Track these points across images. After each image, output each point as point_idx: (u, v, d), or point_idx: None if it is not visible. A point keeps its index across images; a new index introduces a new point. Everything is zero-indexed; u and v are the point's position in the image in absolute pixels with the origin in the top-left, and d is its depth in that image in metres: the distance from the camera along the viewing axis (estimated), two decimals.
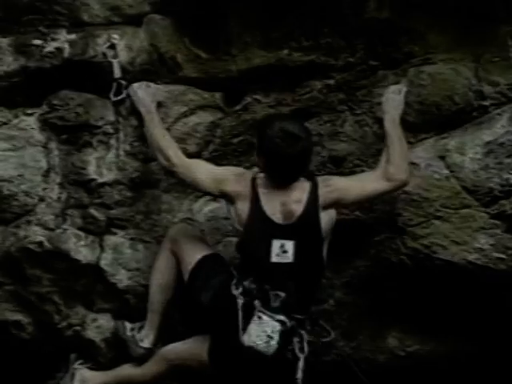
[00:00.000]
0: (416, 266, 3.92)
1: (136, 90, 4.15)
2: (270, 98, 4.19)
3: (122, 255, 4.29)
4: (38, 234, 4.32)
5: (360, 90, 4.10)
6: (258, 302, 3.71)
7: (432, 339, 4.09)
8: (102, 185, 4.29)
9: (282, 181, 3.80)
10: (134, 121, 4.24)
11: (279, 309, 3.72)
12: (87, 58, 4.28)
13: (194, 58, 4.24)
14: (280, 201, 3.78)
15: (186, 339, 4.05)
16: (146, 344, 4.08)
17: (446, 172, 3.89)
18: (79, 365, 4.31)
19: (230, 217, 3.93)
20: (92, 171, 4.29)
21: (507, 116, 3.85)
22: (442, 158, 3.91)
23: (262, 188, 3.81)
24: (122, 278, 4.28)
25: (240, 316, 3.69)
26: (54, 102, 4.33)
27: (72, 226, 4.33)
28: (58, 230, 4.33)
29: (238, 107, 4.24)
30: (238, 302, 3.71)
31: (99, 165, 4.29)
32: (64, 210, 4.35)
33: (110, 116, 4.28)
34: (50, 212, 4.34)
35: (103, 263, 4.30)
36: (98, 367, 4.29)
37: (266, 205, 3.78)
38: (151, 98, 4.13)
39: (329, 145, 4.13)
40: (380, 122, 3.98)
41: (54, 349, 4.41)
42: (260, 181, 3.83)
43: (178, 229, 4.11)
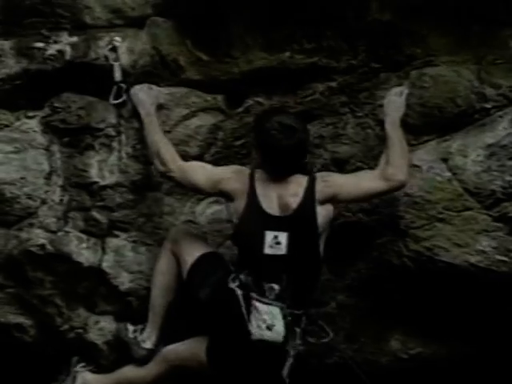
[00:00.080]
0: (418, 268, 3.91)
1: (137, 93, 4.15)
2: (272, 101, 4.19)
3: (124, 258, 4.29)
4: (40, 237, 4.32)
5: (362, 93, 4.10)
6: (254, 294, 3.72)
7: (434, 341, 4.09)
8: (104, 187, 4.29)
9: (278, 173, 3.81)
10: (135, 123, 4.23)
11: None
12: (89, 61, 4.28)
13: (196, 60, 4.23)
14: (276, 193, 3.79)
15: (186, 340, 4.05)
16: (147, 345, 4.08)
17: (448, 174, 3.89)
18: (81, 368, 4.31)
19: (230, 216, 3.94)
20: (94, 174, 4.29)
21: (509, 118, 3.84)
22: (445, 160, 3.90)
23: (259, 181, 3.83)
24: (124, 281, 4.28)
25: (243, 307, 3.69)
26: (56, 104, 4.34)
27: (74, 228, 4.33)
28: (60, 233, 4.33)
29: (240, 109, 4.24)
30: (238, 294, 3.71)
31: (101, 167, 4.29)
32: (66, 212, 4.35)
33: (112, 119, 4.28)
34: (52, 214, 4.34)
35: (105, 266, 4.30)
36: (99, 370, 4.29)
37: (261, 197, 3.79)
38: (151, 101, 4.12)
39: (331, 147, 4.14)
40: (382, 124, 3.98)
41: (56, 351, 4.40)
42: (257, 175, 3.85)
43: (179, 230, 4.12)
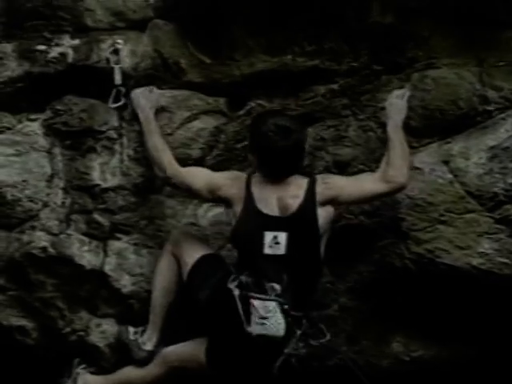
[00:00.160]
0: (420, 270, 3.91)
1: (137, 96, 4.14)
2: (274, 103, 4.18)
3: (125, 260, 4.29)
4: (42, 240, 4.32)
5: (364, 95, 4.10)
6: (252, 292, 3.71)
7: (436, 344, 4.08)
8: (105, 190, 4.29)
9: (275, 176, 3.81)
10: (137, 126, 4.22)
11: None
12: (91, 64, 4.28)
13: (197, 63, 4.23)
14: (276, 195, 3.78)
15: (186, 341, 4.05)
16: (148, 347, 4.07)
17: (450, 177, 3.89)
18: (81, 369, 4.31)
19: (230, 222, 3.94)
20: (96, 176, 4.29)
21: (511, 121, 3.84)
22: (446, 162, 3.90)
23: (256, 185, 3.82)
24: (125, 283, 4.28)
25: (239, 307, 3.68)
26: (58, 107, 4.34)
27: (76, 231, 4.34)
28: (62, 236, 4.33)
29: (241, 112, 4.24)
30: (234, 294, 3.70)
31: (103, 170, 4.29)
32: (68, 215, 4.35)
33: (114, 121, 4.28)
34: (54, 217, 4.34)
35: (107, 268, 4.30)
36: (101, 372, 4.28)
37: (259, 199, 3.78)
38: (151, 105, 4.11)
39: (333, 150, 4.13)
40: (384, 126, 3.97)
41: (58, 354, 4.40)
42: (254, 179, 3.85)
43: (180, 232, 4.12)
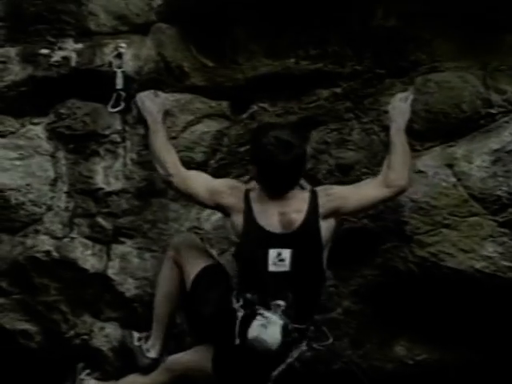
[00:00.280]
0: (424, 274, 3.90)
1: (143, 99, 4.13)
2: (277, 107, 4.19)
3: (129, 264, 4.30)
4: (45, 243, 4.33)
5: (367, 99, 4.10)
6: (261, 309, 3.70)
7: (440, 348, 4.07)
8: (109, 194, 4.30)
9: (275, 190, 3.77)
10: (140, 129, 4.24)
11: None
12: (94, 67, 4.30)
13: (200, 66, 4.24)
14: (278, 211, 3.75)
15: (190, 349, 4.04)
16: (152, 354, 4.04)
17: (453, 180, 3.88)
18: (86, 375, 4.31)
19: (229, 231, 3.94)
20: (99, 180, 4.30)
21: None
22: (450, 166, 3.89)
23: (256, 200, 3.77)
24: (129, 287, 4.28)
25: (237, 327, 3.67)
26: (61, 111, 4.35)
27: (79, 234, 4.34)
28: (66, 239, 4.34)
29: (244, 116, 4.24)
30: (238, 315, 3.69)
31: (106, 174, 4.30)
32: (71, 218, 4.36)
33: (117, 125, 4.29)
34: (58, 221, 4.35)
35: (110, 272, 4.31)
36: (105, 376, 4.29)
37: (260, 216, 3.74)
38: (158, 108, 4.09)
39: (336, 153, 4.13)
40: (387, 130, 3.97)
41: (61, 358, 4.41)
42: (253, 194, 3.80)
43: (181, 238, 4.09)
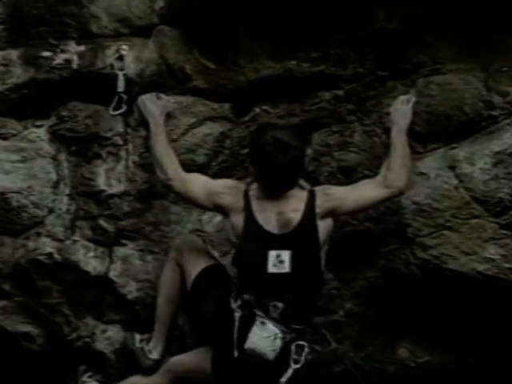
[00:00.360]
0: (426, 276, 3.90)
1: (145, 102, 4.14)
2: (279, 109, 4.19)
3: (131, 266, 4.30)
4: (47, 246, 4.34)
5: (369, 101, 4.10)
6: (258, 311, 3.70)
7: (442, 350, 4.07)
8: (111, 196, 4.30)
9: (274, 190, 3.78)
10: (142, 132, 4.25)
11: (278, 320, 3.69)
12: (96, 70, 4.31)
13: (202, 69, 4.24)
14: (275, 211, 3.76)
15: (192, 351, 4.03)
16: (154, 355, 4.04)
17: (455, 182, 3.88)
18: (88, 378, 4.31)
19: (228, 232, 3.93)
20: (101, 182, 4.30)
21: None
22: (452, 168, 3.89)
23: (255, 199, 3.79)
24: (131, 290, 4.28)
25: (236, 328, 3.67)
26: (63, 113, 4.36)
27: (81, 237, 4.35)
28: (68, 242, 4.34)
29: (246, 118, 4.25)
30: (235, 315, 3.69)
31: (108, 176, 4.30)
32: (73, 221, 4.36)
33: (119, 127, 4.30)
34: (60, 223, 4.36)
35: (112, 274, 4.31)
36: (107, 379, 4.30)
37: (259, 216, 3.76)
38: (160, 111, 4.10)
39: (338, 155, 4.13)
40: (389, 132, 3.96)
41: (63, 360, 4.41)
42: (253, 192, 3.81)
43: (183, 240, 4.10)
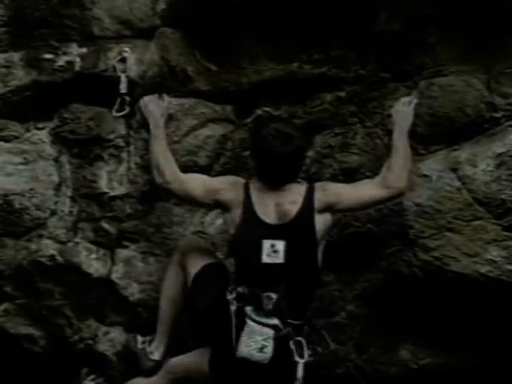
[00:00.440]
0: (428, 278, 3.90)
1: (147, 103, 4.15)
2: (281, 111, 4.19)
3: (133, 268, 4.30)
4: (49, 248, 4.34)
5: (371, 103, 4.10)
6: (249, 308, 3.69)
7: (444, 352, 4.07)
8: (113, 198, 4.30)
9: (274, 182, 3.79)
10: (144, 134, 4.24)
11: (272, 312, 3.68)
12: (98, 72, 4.31)
13: (204, 70, 4.24)
14: (274, 202, 3.77)
15: (191, 352, 4.02)
16: (155, 356, 4.05)
17: (457, 184, 3.88)
18: (90, 380, 4.31)
19: (227, 228, 3.93)
20: (103, 185, 4.30)
21: None
22: (454, 169, 3.89)
23: (255, 191, 3.81)
24: (133, 291, 4.28)
25: (233, 323, 3.67)
26: (66, 115, 4.36)
27: (83, 239, 4.35)
28: (70, 244, 4.35)
29: (248, 120, 4.24)
30: (231, 307, 3.69)
31: (110, 178, 4.30)
32: (75, 223, 4.36)
33: (121, 129, 4.30)
34: (62, 225, 4.36)
35: (115, 276, 4.31)
36: (109, 381, 4.29)
37: (257, 206, 3.77)
38: (161, 112, 4.11)
39: (340, 157, 4.13)
40: (391, 133, 3.97)
41: (65, 362, 4.41)
42: (253, 185, 3.83)
43: (187, 242, 4.10)
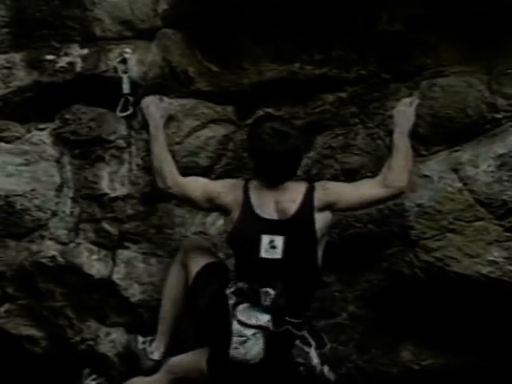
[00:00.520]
0: (429, 279, 3.90)
1: (147, 104, 4.16)
2: (282, 112, 4.18)
3: (134, 269, 4.30)
4: (50, 249, 4.33)
5: (372, 103, 4.10)
6: (242, 306, 3.69)
7: (446, 353, 4.07)
8: (114, 199, 4.30)
9: (272, 180, 3.80)
10: (146, 135, 4.23)
11: (269, 308, 3.68)
12: (99, 73, 4.30)
13: (205, 71, 4.24)
14: (273, 200, 3.78)
15: (190, 352, 4.02)
16: (155, 356, 4.06)
17: (459, 185, 3.88)
18: (92, 381, 4.31)
19: (227, 228, 3.94)
20: (105, 185, 4.30)
21: None
22: (455, 170, 3.89)
23: (254, 190, 3.82)
24: (134, 292, 4.28)
25: (232, 318, 3.68)
26: (67, 116, 4.35)
27: (85, 240, 4.34)
28: (71, 245, 4.34)
29: (249, 121, 4.23)
30: (229, 302, 3.71)
31: (112, 179, 4.30)
32: (77, 224, 4.36)
33: (123, 130, 4.30)
34: (63, 226, 4.35)
35: (116, 277, 4.31)
36: (110, 382, 4.29)
37: (256, 203, 3.78)
38: (161, 113, 4.13)
39: (341, 158, 4.14)
40: (392, 134, 3.96)
41: (67, 363, 4.41)
42: (252, 184, 3.84)
43: (190, 242, 4.10)
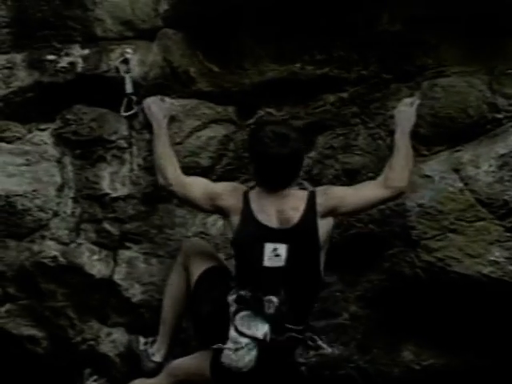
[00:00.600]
0: (430, 279, 3.90)
1: (150, 105, 4.16)
2: (283, 112, 4.19)
3: (135, 269, 4.30)
4: (52, 249, 4.34)
5: (373, 103, 4.09)
6: (242, 314, 3.68)
7: (447, 353, 4.07)
8: (115, 199, 4.30)
9: (273, 185, 3.78)
10: (147, 135, 4.24)
11: (273, 316, 3.68)
12: (100, 73, 4.31)
13: (207, 71, 4.24)
14: (275, 208, 3.76)
15: (192, 354, 4.01)
16: (157, 358, 4.05)
17: (460, 185, 3.87)
18: (93, 381, 4.32)
19: (227, 232, 3.94)
20: (106, 186, 4.30)
21: None
22: (457, 170, 3.89)
23: (254, 198, 3.80)
24: (135, 293, 4.28)
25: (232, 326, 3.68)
26: (68, 116, 4.36)
27: (86, 240, 4.35)
28: (72, 245, 4.35)
29: (251, 121, 4.24)
30: (231, 309, 3.70)
31: (113, 179, 4.30)
32: (78, 224, 4.36)
33: (124, 130, 4.30)
34: (64, 227, 4.36)
35: (117, 277, 4.31)
36: (111, 382, 4.30)
37: (257, 211, 3.76)
38: (164, 113, 4.13)
39: (342, 158, 4.13)
40: (393, 134, 3.96)
41: (68, 363, 4.42)
42: (252, 193, 3.82)
43: (191, 243, 4.10)
